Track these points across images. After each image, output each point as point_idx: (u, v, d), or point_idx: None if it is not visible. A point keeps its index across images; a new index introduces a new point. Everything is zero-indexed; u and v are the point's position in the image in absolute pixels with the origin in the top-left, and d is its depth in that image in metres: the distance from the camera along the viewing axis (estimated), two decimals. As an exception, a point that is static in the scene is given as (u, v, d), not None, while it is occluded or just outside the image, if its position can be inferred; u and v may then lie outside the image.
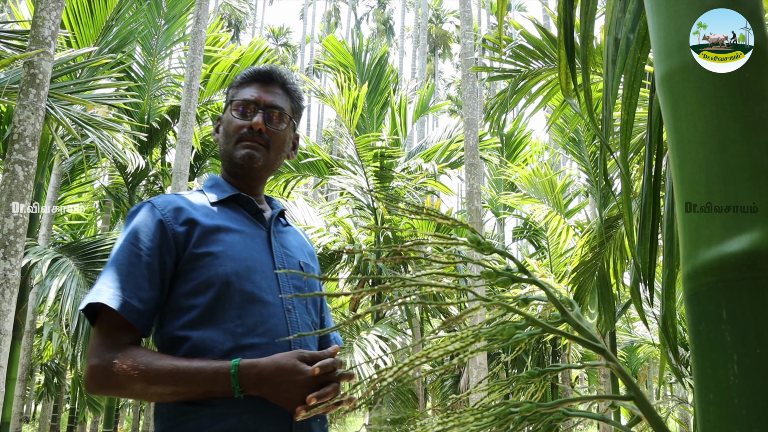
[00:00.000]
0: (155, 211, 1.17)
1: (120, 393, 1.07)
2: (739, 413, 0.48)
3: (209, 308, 1.11)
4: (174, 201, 1.20)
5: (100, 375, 1.05)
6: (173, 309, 1.14)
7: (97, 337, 1.09)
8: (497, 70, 4.26)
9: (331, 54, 9.03)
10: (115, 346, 1.07)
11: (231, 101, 1.29)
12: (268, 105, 1.27)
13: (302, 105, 1.37)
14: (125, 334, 1.09)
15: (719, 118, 0.53)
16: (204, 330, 1.10)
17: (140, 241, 1.13)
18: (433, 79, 23.84)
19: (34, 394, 13.99)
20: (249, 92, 1.28)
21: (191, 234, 1.15)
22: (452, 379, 9.08)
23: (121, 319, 1.08)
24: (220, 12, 30.90)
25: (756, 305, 0.48)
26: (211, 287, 1.12)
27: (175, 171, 5.26)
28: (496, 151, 9.41)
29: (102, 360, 1.05)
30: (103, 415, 7.98)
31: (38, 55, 3.15)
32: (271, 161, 1.28)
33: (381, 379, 0.61)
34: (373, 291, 0.62)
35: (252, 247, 1.20)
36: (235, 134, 1.25)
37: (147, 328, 1.12)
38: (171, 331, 1.13)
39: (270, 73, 1.30)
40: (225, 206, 1.25)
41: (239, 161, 1.24)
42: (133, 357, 1.05)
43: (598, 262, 4.45)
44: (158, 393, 1.04)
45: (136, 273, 1.11)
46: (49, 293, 4.56)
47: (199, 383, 1.02)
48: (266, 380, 1.02)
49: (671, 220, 1.12)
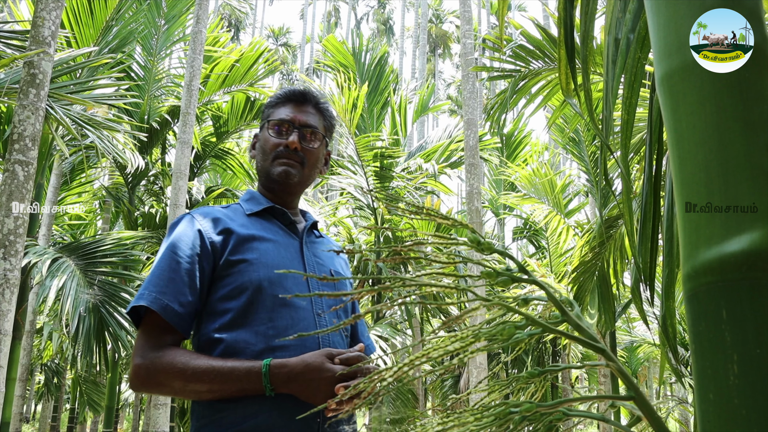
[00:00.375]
0: (194, 221, 1.27)
1: (161, 390, 1.15)
2: (739, 413, 0.48)
3: (242, 312, 1.19)
4: (212, 212, 1.30)
5: (142, 373, 1.13)
6: (209, 313, 1.22)
7: (141, 338, 1.18)
8: (497, 70, 4.26)
9: (331, 54, 9.03)
10: (157, 347, 1.16)
11: (267, 120, 1.37)
12: (303, 124, 1.35)
13: (333, 123, 1.46)
14: (167, 336, 1.18)
15: (719, 118, 0.53)
16: (237, 332, 1.18)
17: (180, 250, 1.22)
18: (433, 79, 23.83)
19: (34, 394, 14.00)
20: (284, 112, 1.37)
21: (227, 242, 1.24)
22: (452, 379, 9.08)
23: (163, 321, 1.17)
24: (220, 12, 30.90)
25: (756, 305, 0.48)
26: (244, 292, 1.20)
27: (175, 171, 5.26)
28: (496, 151, 9.41)
29: (145, 359, 1.14)
30: (103, 415, 7.98)
31: (38, 55, 3.15)
32: (306, 177, 1.37)
33: (381, 379, 0.61)
34: (373, 291, 0.62)
35: (284, 255, 1.28)
36: (271, 152, 1.34)
37: (187, 330, 1.20)
38: (207, 333, 1.21)
39: (304, 93, 1.40)
40: (260, 217, 1.33)
41: (276, 177, 1.33)
42: (173, 357, 1.14)
43: (598, 262, 4.45)
44: (195, 390, 1.12)
45: (177, 279, 1.19)
46: (49, 293, 4.56)
47: (232, 381, 1.10)
48: (295, 378, 1.08)
49: (671, 220, 1.12)
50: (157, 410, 4.89)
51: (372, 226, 0.68)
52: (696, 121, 0.54)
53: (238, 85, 6.96)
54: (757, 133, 0.52)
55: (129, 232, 6.06)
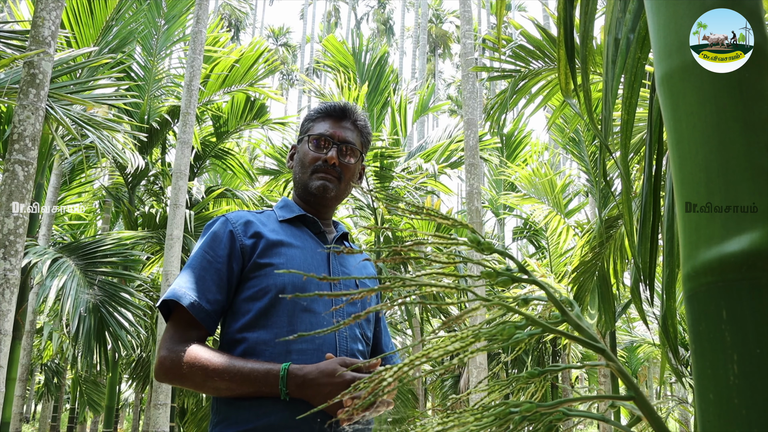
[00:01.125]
0: (228, 224, 1.33)
1: (182, 383, 1.20)
2: (739, 413, 0.48)
3: (263, 313, 1.24)
4: (245, 216, 1.36)
5: (167, 364, 1.19)
6: (234, 312, 1.28)
7: (169, 331, 1.24)
8: (497, 70, 4.26)
9: (331, 54, 9.03)
10: (183, 341, 1.21)
11: (308, 134, 1.42)
12: (341, 140, 1.40)
13: (370, 139, 1.50)
14: (193, 331, 1.23)
15: (719, 118, 0.53)
16: (258, 332, 1.23)
17: (213, 250, 1.29)
18: (433, 79, 23.82)
19: (34, 394, 14.00)
20: (324, 127, 1.42)
21: (257, 246, 1.30)
22: (452, 379, 9.08)
23: (191, 317, 1.22)
24: (220, 12, 30.90)
25: (756, 305, 0.48)
26: (267, 294, 1.25)
27: (175, 171, 5.26)
28: (496, 151, 9.41)
29: (170, 352, 1.20)
30: (103, 415, 7.98)
31: (38, 55, 3.15)
32: (342, 191, 1.42)
33: (381, 379, 0.61)
34: (372, 291, 0.62)
35: (311, 262, 1.33)
36: (310, 165, 1.39)
37: (212, 327, 1.25)
38: (230, 332, 1.26)
39: (344, 110, 1.45)
40: (291, 225, 1.39)
41: (314, 191, 1.38)
42: (197, 352, 1.18)
43: (598, 262, 4.45)
44: (215, 387, 1.17)
45: (207, 277, 1.25)
46: (49, 293, 4.56)
47: (250, 382, 1.14)
48: (310, 383, 1.12)
49: (671, 220, 1.12)
50: (157, 410, 4.89)
51: (372, 226, 0.68)
52: (696, 121, 0.54)
53: (238, 85, 6.96)
54: (757, 133, 0.52)
55: (129, 232, 6.06)
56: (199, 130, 7.49)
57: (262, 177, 8.67)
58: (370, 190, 5.61)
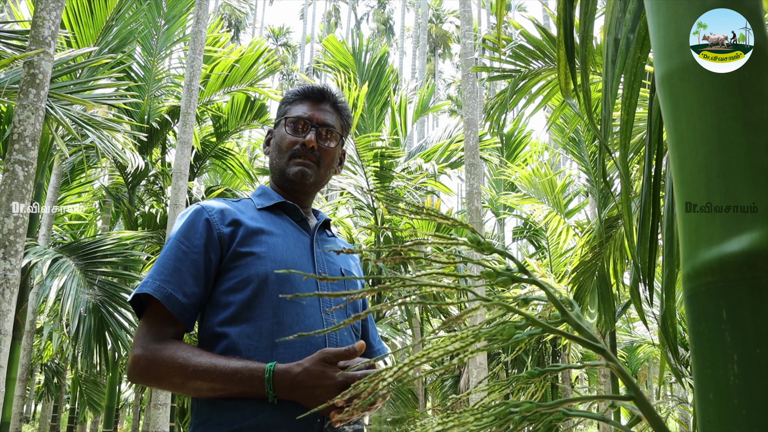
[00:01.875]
0: (203, 212, 1.24)
1: (159, 384, 1.12)
2: (739, 413, 0.48)
3: (246, 305, 1.16)
4: (221, 204, 1.27)
5: (142, 364, 1.10)
6: (213, 305, 1.19)
7: (143, 328, 1.15)
8: (497, 70, 4.26)
9: (331, 54, 9.03)
10: (158, 338, 1.12)
11: (285, 117, 1.35)
12: (320, 123, 1.33)
13: (350, 122, 1.43)
14: (169, 327, 1.14)
15: (719, 118, 0.53)
16: (241, 326, 1.15)
17: (188, 240, 1.19)
18: (433, 79, 23.81)
19: (34, 394, 13.99)
20: (302, 109, 1.34)
21: (235, 234, 1.21)
22: (452, 379, 9.08)
23: (167, 312, 1.14)
24: (220, 12, 30.89)
25: (756, 305, 0.48)
26: (249, 284, 1.17)
27: (175, 171, 5.26)
28: (496, 151, 9.41)
29: (145, 350, 1.11)
30: (103, 415, 7.98)
31: (38, 55, 3.15)
32: (321, 177, 1.34)
33: (381, 379, 0.61)
34: (373, 291, 0.62)
35: (294, 251, 1.25)
36: (288, 150, 1.31)
37: (190, 322, 1.17)
38: (210, 326, 1.18)
39: (322, 91, 1.37)
40: (271, 212, 1.31)
41: (292, 177, 1.30)
42: (175, 351, 1.10)
43: (598, 262, 4.45)
44: (195, 388, 1.09)
45: (182, 269, 1.16)
46: (49, 293, 4.56)
47: (234, 383, 1.07)
48: (298, 386, 1.05)
49: (671, 220, 1.12)
50: (157, 410, 4.89)
51: (372, 226, 0.68)
52: (696, 121, 0.54)
53: (238, 85, 6.96)
54: (757, 133, 0.52)
55: (129, 232, 6.06)
56: (199, 130, 7.49)
57: (262, 177, 8.67)
58: (370, 190, 5.63)
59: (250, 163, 8.22)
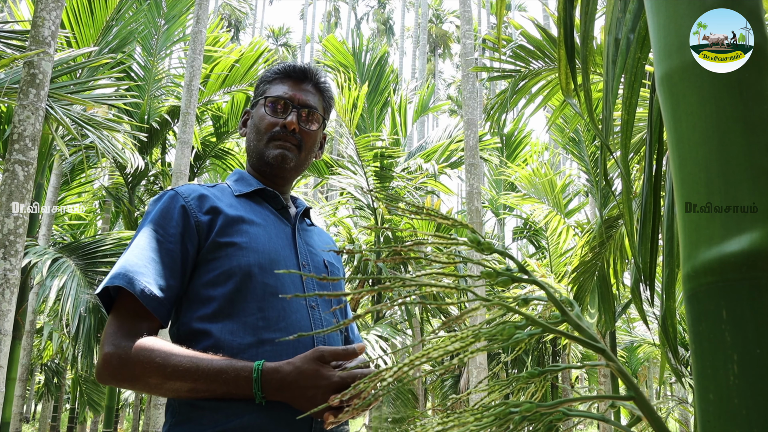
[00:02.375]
0: (178, 198, 1.14)
1: (133, 385, 1.02)
2: (739, 413, 0.48)
3: (229, 300, 1.08)
4: (198, 189, 1.18)
5: (114, 364, 1.00)
6: (192, 299, 1.10)
7: (113, 324, 1.04)
8: (497, 70, 4.26)
9: (331, 54, 9.03)
10: (131, 335, 1.02)
11: (264, 96, 1.26)
12: (302, 104, 1.25)
13: (333, 104, 1.35)
14: (143, 323, 1.04)
15: (719, 118, 0.53)
16: (224, 323, 1.06)
17: (162, 228, 1.10)
18: (433, 79, 23.81)
19: (34, 394, 13.99)
20: (282, 89, 1.25)
21: (214, 223, 1.13)
22: (452, 379, 9.08)
23: (140, 306, 1.04)
24: (220, 12, 30.89)
25: (756, 305, 0.48)
26: (232, 278, 1.08)
27: (175, 171, 5.26)
28: (496, 151, 9.41)
29: (117, 348, 1.00)
30: (103, 415, 7.98)
31: (38, 55, 3.15)
32: (302, 161, 1.26)
33: (381, 379, 0.61)
34: (373, 291, 0.62)
35: (276, 241, 1.17)
36: (267, 132, 1.23)
37: (165, 318, 1.08)
38: (188, 322, 1.09)
39: (304, 70, 1.28)
40: (250, 200, 1.22)
41: (271, 161, 1.22)
42: (150, 348, 1.00)
43: (598, 262, 4.45)
44: (174, 389, 0.99)
45: (157, 259, 1.07)
46: (49, 293, 4.56)
47: (218, 384, 0.98)
48: (289, 386, 0.97)
49: (671, 220, 1.12)
50: (157, 410, 4.88)
51: (372, 226, 0.68)
52: (696, 121, 0.54)
53: (238, 85, 6.96)
54: (757, 133, 0.52)
55: (129, 232, 6.06)
56: (199, 130, 7.49)
57: (262, 177, 8.65)
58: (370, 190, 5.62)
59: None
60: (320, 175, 8.50)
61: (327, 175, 8.25)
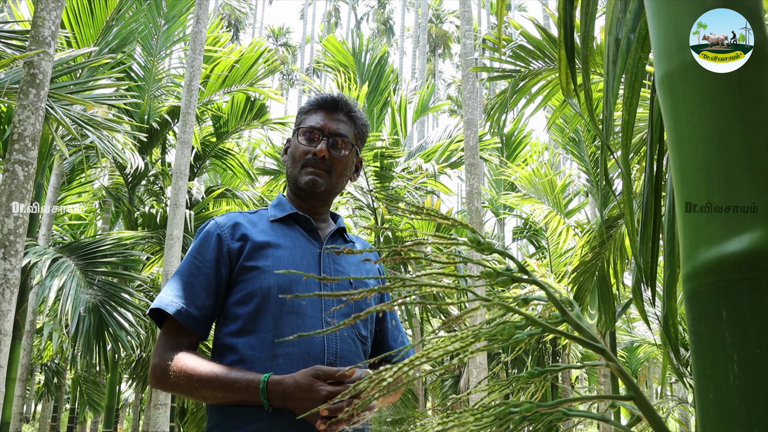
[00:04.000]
0: (217, 227, 1.32)
1: (174, 390, 1.20)
2: (739, 413, 0.48)
3: (252, 318, 1.23)
4: (235, 218, 1.34)
5: (158, 372, 1.20)
6: (224, 317, 1.28)
7: (161, 339, 1.25)
8: (497, 70, 4.26)
9: (331, 54, 9.03)
10: (173, 348, 1.22)
11: (299, 127, 1.39)
12: (333, 132, 1.36)
13: (366, 131, 1.46)
14: (183, 338, 1.24)
15: (719, 118, 0.53)
16: (246, 338, 1.22)
17: (201, 255, 1.29)
18: (433, 79, 23.80)
19: (34, 394, 13.99)
20: (315, 119, 1.38)
21: (243, 249, 1.28)
22: (452, 379, 9.08)
23: (179, 324, 1.23)
24: (220, 12, 30.89)
25: (756, 305, 0.48)
26: (253, 298, 1.23)
27: (175, 171, 5.26)
28: (496, 151, 9.41)
29: (161, 359, 1.21)
30: (103, 415, 7.98)
31: (38, 55, 3.15)
32: (333, 185, 1.37)
33: (381, 380, 0.61)
34: (372, 291, 0.62)
35: (300, 262, 1.30)
36: (300, 159, 1.35)
37: (204, 332, 1.26)
38: (220, 337, 1.27)
39: (336, 101, 1.40)
40: (283, 224, 1.36)
41: (303, 186, 1.34)
42: (184, 361, 1.19)
43: (599, 262, 4.45)
44: (203, 395, 1.18)
45: (195, 283, 1.26)
46: (49, 293, 4.56)
47: (234, 392, 1.14)
48: (289, 397, 1.11)
49: (672, 219, 1.12)
50: (157, 410, 4.89)
51: (372, 226, 0.68)
52: (696, 121, 0.54)
53: (238, 85, 6.96)
54: (757, 133, 0.52)
55: (129, 232, 6.06)
56: (199, 130, 7.49)
57: (262, 177, 8.67)
58: (370, 190, 5.63)
59: (250, 163, 8.21)
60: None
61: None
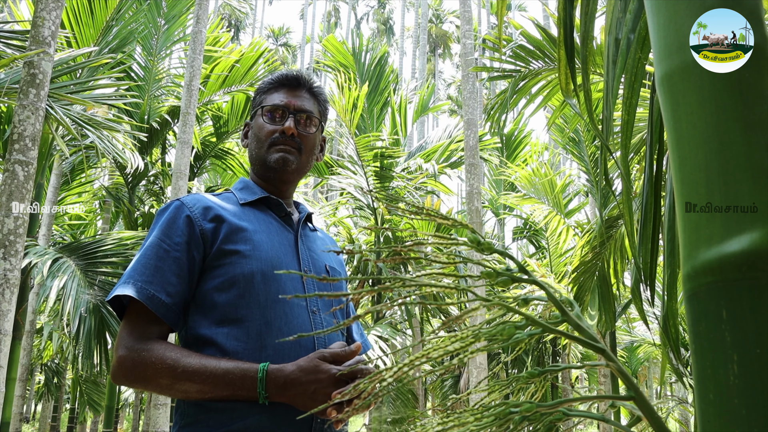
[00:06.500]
0: (184, 208, 1.19)
1: (145, 386, 1.08)
2: (739, 413, 0.48)
3: (233, 306, 1.13)
4: (202, 199, 1.23)
5: (127, 365, 1.06)
6: (198, 305, 1.15)
7: (125, 329, 1.10)
8: (497, 70, 4.26)
9: (331, 54, 9.03)
10: (143, 338, 1.09)
11: (261, 107, 1.31)
12: (298, 109, 1.30)
13: (328, 107, 1.41)
14: (153, 327, 1.11)
15: (719, 118, 0.53)
16: (228, 328, 1.12)
17: (169, 237, 1.15)
18: (433, 79, 23.80)
19: (34, 394, 13.99)
20: (278, 97, 1.31)
21: (219, 231, 1.17)
22: (452, 379, 9.08)
23: (149, 312, 1.10)
24: (220, 12, 30.88)
25: (756, 305, 0.48)
26: (235, 285, 1.13)
27: (175, 171, 5.26)
28: (496, 151, 9.41)
29: (130, 351, 1.07)
30: (103, 415, 7.98)
31: (38, 55, 3.15)
32: (303, 164, 1.31)
33: (381, 379, 0.61)
34: (373, 291, 0.62)
35: (278, 248, 1.21)
36: (267, 139, 1.28)
37: (175, 322, 1.13)
38: (195, 327, 1.14)
39: (297, 78, 1.34)
40: (254, 208, 1.27)
41: (273, 165, 1.27)
42: (162, 351, 1.06)
43: (598, 262, 4.45)
44: (183, 390, 1.05)
45: (164, 267, 1.12)
46: (49, 293, 4.56)
47: (225, 385, 1.04)
48: (292, 383, 1.02)
49: (672, 220, 1.12)
50: (157, 410, 4.89)
51: (372, 226, 0.68)
52: (696, 121, 0.54)
53: (238, 85, 6.96)
54: (757, 133, 0.52)
55: (129, 232, 6.06)
56: (199, 130, 7.49)
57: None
58: (370, 190, 5.63)
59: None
60: (320, 175, 8.50)
61: (327, 175, 8.25)
